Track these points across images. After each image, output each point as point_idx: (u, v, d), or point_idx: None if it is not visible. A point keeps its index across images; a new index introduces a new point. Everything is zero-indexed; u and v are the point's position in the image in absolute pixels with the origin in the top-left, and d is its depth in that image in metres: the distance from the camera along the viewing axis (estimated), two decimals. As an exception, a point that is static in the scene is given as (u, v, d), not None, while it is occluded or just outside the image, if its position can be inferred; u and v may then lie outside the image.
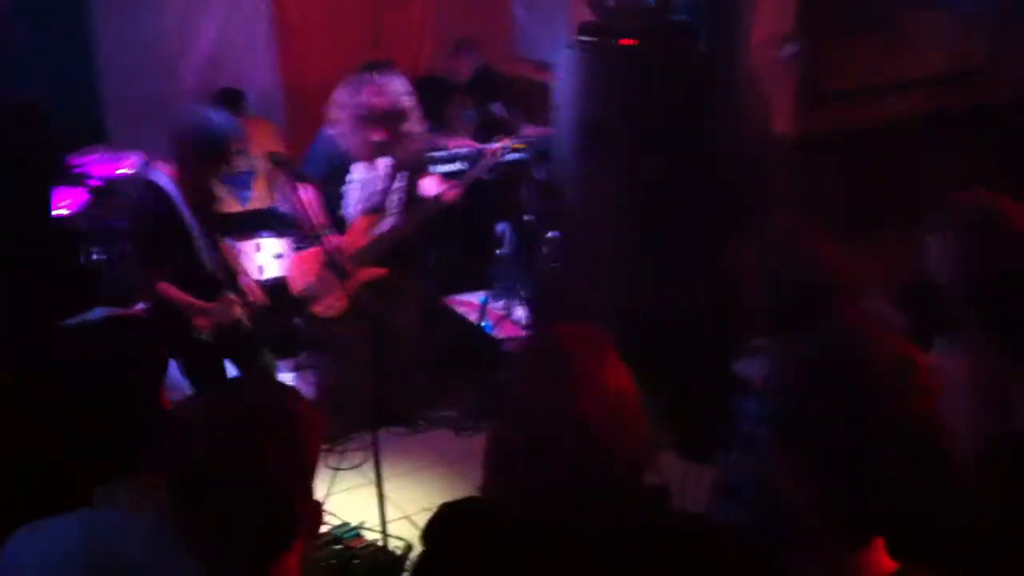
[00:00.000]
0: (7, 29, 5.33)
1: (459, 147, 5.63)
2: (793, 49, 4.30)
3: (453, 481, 4.20)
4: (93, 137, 5.52)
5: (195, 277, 3.85)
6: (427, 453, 4.47)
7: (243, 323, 3.96)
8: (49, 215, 4.81)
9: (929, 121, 4.75)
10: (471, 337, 5.24)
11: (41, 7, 5.50)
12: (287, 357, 4.80)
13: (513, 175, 5.43)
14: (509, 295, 5.47)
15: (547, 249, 4.94)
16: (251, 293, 4.06)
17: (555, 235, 4.88)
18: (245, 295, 4.03)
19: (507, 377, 1.74)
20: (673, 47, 4.37)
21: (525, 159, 5.26)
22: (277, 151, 4.71)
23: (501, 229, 5.56)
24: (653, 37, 4.32)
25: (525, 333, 5.19)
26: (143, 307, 3.90)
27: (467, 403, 4.70)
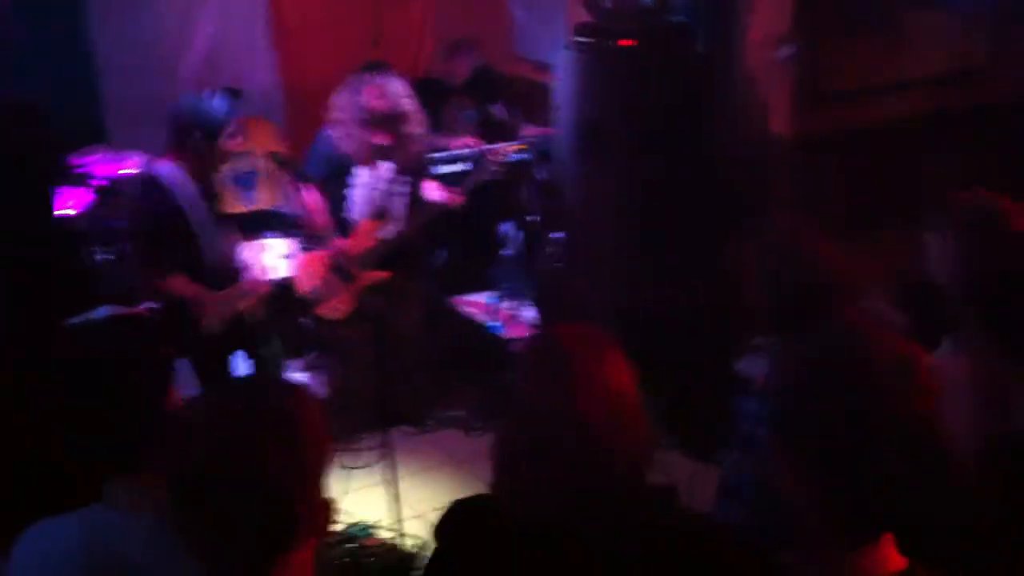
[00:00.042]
0: (7, 29, 5.33)
1: (461, 148, 5.63)
2: (790, 50, 4.30)
3: (464, 480, 4.21)
4: (93, 137, 5.52)
5: (199, 274, 3.85)
6: (437, 453, 4.49)
7: (251, 315, 3.95)
8: (50, 215, 4.81)
9: (929, 121, 4.75)
10: (476, 338, 5.24)
11: (40, 7, 5.50)
12: (296, 357, 4.81)
13: (515, 175, 5.43)
14: (517, 296, 5.47)
15: (551, 250, 4.94)
16: (258, 287, 4.06)
17: (559, 236, 4.88)
18: (252, 290, 4.03)
19: (512, 377, 1.74)
20: (671, 48, 4.37)
21: (527, 159, 5.26)
22: (278, 151, 4.71)
23: (504, 230, 5.56)
24: (651, 38, 4.32)
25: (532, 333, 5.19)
26: (148, 306, 3.90)
27: (475, 403, 4.71)
